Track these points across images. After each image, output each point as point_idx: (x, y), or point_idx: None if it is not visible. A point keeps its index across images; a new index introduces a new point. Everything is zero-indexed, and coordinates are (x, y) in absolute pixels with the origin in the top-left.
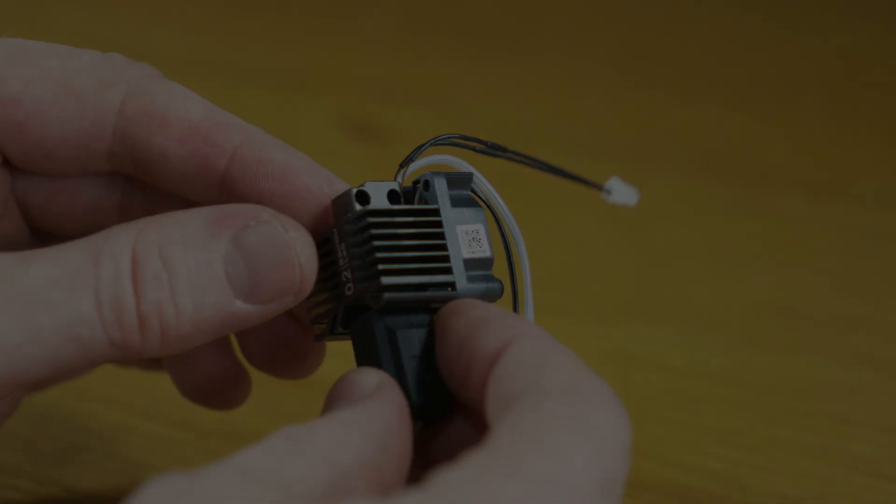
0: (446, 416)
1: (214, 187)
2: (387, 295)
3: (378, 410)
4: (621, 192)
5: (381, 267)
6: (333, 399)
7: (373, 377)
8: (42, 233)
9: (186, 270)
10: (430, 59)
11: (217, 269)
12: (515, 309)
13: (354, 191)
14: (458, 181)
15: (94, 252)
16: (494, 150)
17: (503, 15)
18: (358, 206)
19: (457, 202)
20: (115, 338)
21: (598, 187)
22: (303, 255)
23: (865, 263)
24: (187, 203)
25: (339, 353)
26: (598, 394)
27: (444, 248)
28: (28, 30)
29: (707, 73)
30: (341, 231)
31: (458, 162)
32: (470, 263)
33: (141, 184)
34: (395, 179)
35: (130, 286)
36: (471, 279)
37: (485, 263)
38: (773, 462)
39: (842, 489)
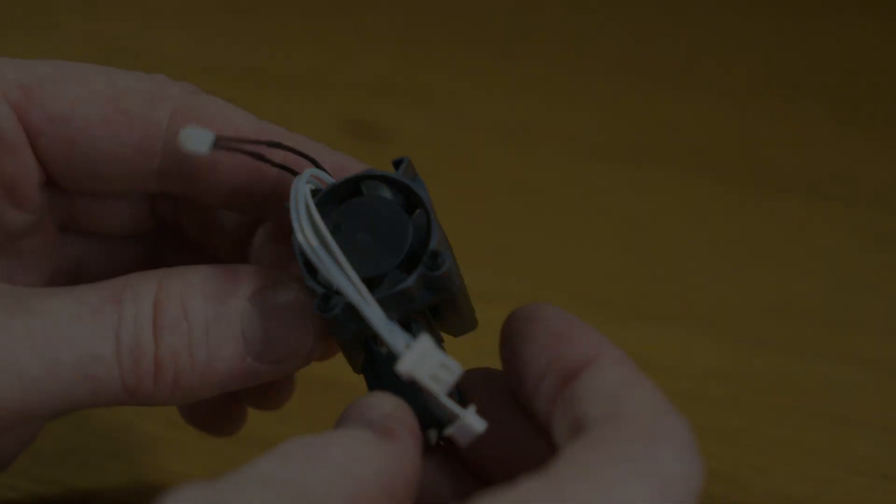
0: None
1: (262, 197)
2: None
3: (394, 430)
4: (193, 139)
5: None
6: (347, 418)
7: (388, 401)
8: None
9: (205, 322)
10: (430, 59)
11: (234, 324)
12: None
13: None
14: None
15: (116, 294)
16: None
17: (503, 15)
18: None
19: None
20: (128, 381)
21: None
22: (317, 320)
23: (865, 263)
24: (222, 234)
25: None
26: (674, 435)
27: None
28: (28, 30)
29: (707, 72)
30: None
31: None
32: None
33: (177, 220)
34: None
35: (151, 331)
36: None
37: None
38: (773, 462)
39: (842, 489)
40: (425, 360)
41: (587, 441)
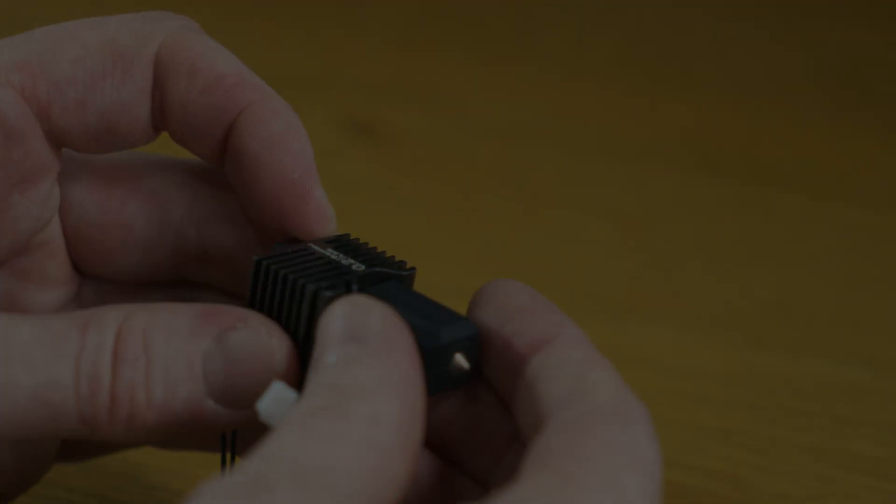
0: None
1: (219, 141)
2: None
3: (394, 362)
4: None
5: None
6: (336, 337)
7: (379, 314)
8: (84, 274)
9: (164, 358)
10: (431, 59)
11: (195, 363)
12: None
13: None
14: None
15: (83, 322)
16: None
17: (503, 15)
18: None
19: None
20: (85, 412)
21: None
22: (281, 365)
23: (865, 263)
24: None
25: None
26: (639, 414)
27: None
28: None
29: (707, 72)
30: None
31: None
32: None
33: (199, 216)
34: None
35: (110, 362)
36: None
37: None
38: (773, 462)
39: (842, 489)
40: None
41: (568, 429)
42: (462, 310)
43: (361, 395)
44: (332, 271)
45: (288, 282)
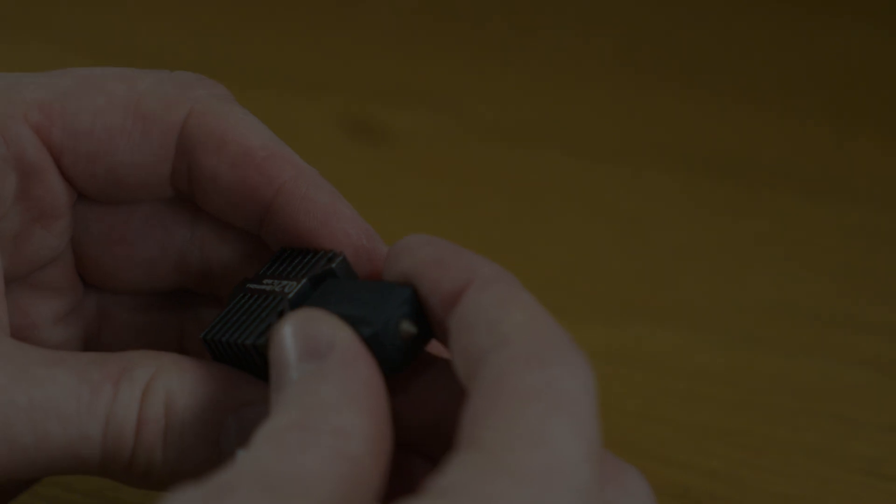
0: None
1: (258, 217)
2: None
3: (354, 373)
4: None
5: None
6: (292, 355)
7: (330, 329)
8: (90, 286)
9: (182, 426)
10: (431, 59)
11: (210, 433)
12: None
13: None
14: None
15: (115, 374)
16: None
17: (503, 15)
18: None
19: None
20: (107, 465)
21: None
22: None
23: (865, 263)
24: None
25: None
26: (562, 351)
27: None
28: (28, 30)
29: (707, 72)
30: None
31: None
32: None
33: (203, 237)
34: None
35: (135, 423)
36: None
37: None
38: (773, 462)
39: (842, 489)
40: None
41: (486, 378)
42: None
43: (326, 409)
44: (266, 309)
45: (233, 346)
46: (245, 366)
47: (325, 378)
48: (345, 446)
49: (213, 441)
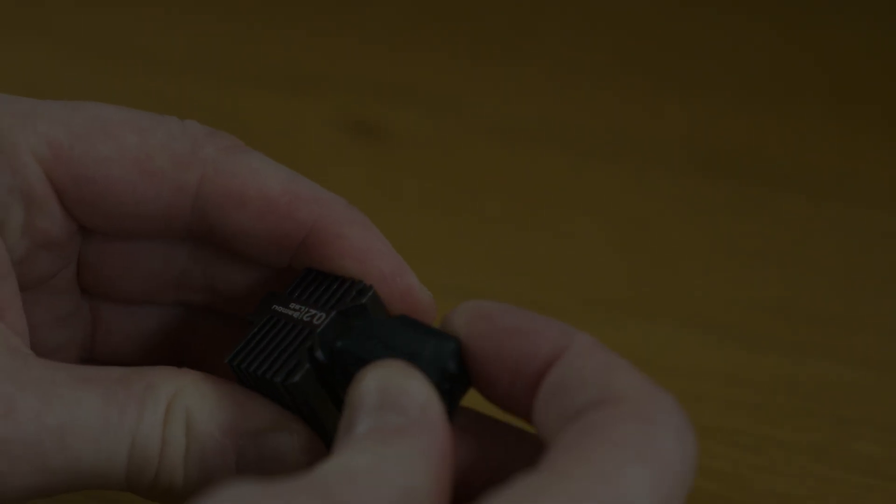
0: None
1: (288, 257)
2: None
3: (436, 434)
4: None
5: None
6: (373, 405)
7: (421, 388)
8: (92, 294)
9: (202, 447)
10: (431, 59)
11: (229, 457)
12: None
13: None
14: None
15: (141, 395)
16: None
17: (503, 15)
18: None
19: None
20: (131, 484)
21: None
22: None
23: (865, 263)
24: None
25: None
26: (667, 415)
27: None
28: (28, 30)
29: (707, 72)
30: None
31: None
32: None
33: (207, 258)
34: None
35: (159, 444)
36: None
37: None
38: (773, 462)
39: (842, 489)
40: None
41: (580, 430)
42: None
43: (399, 463)
44: (296, 342)
45: (260, 379)
46: (269, 395)
47: (405, 433)
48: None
49: (231, 467)
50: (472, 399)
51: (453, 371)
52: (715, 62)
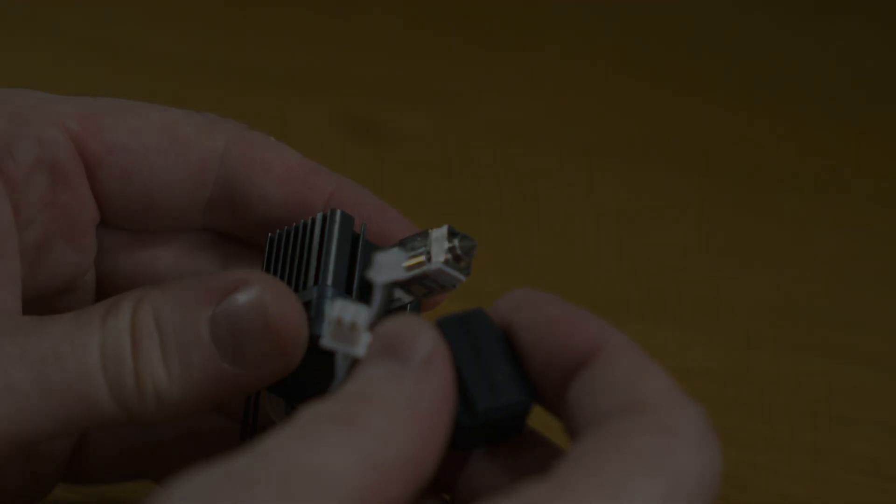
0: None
1: None
2: None
3: (430, 389)
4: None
5: None
6: (381, 346)
7: (429, 339)
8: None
9: (173, 331)
10: (431, 58)
11: (202, 329)
12: None
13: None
14: None
15: (104, 311)
16: None
17: (504, 15)
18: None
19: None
20: (117, 397)
21: None
22: (283, 322)
23: (865, 263)
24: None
25: None
26: (689, 427)
27: None
28: (29, 31)
29: (708, 72)
30: None
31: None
32: None
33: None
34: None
35: (130, 345)
36: None
37: None
38: (773, 462)
39: (842, 489)
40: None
41: (597, 437)
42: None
43: (381, 409)
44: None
45: (300, 225)
46: (293, 256)
47: (397, 379)
48: (381, 453)
49: (207, 340)
50: None
51: (508, 425)
52: (715, 62)
